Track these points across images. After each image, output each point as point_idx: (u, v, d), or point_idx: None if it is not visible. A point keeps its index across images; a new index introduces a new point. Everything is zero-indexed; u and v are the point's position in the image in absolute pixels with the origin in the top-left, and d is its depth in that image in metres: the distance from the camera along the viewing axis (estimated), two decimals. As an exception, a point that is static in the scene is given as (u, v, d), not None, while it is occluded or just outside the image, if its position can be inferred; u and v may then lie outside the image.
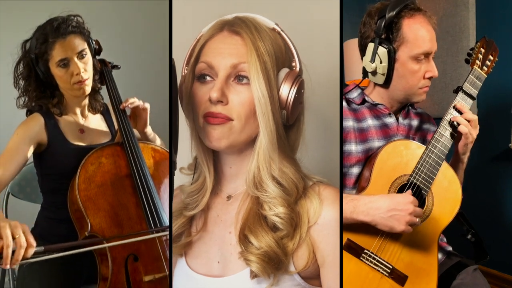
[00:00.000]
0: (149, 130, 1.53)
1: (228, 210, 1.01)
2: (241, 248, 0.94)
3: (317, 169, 1.02)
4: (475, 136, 1.23)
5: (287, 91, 0.96)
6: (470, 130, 1.21)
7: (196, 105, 0.96)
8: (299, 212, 0.95)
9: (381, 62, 1.26)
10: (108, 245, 1.21)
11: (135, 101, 1.48)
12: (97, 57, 1.52)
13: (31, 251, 1.02)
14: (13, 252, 0.99)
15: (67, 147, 1.40)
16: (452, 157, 1.32)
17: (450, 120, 1.22)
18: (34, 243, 1.03)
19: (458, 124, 1.21)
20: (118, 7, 2.57)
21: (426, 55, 1.25)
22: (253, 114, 0.94)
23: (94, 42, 1.47)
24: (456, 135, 1.23)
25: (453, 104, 1.23)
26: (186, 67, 1.00)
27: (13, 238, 1.00)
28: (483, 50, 1.27)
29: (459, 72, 2.29)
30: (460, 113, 1.22)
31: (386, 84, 1.29)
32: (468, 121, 1.21)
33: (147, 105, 1.50)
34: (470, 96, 1.23)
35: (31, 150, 1.36)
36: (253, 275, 0.93)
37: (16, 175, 1.34)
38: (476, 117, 1.22)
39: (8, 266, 0.99)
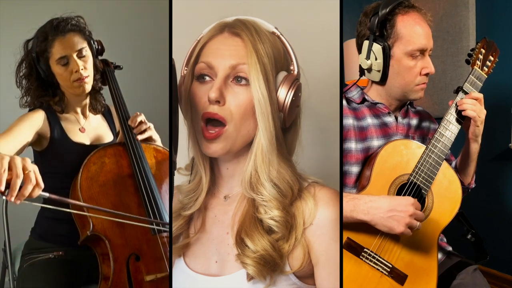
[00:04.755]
0: (158, 141, 1.54)
1: (226, 211, 1.02)
2: (237, 251, 0.95)
3: (317, 169, 1.03)
4: (483, 117, 1.21)
5: (284, 94, 0.97)
6: (478, 112, 1.19)
7: (195, 105, 0.97)
8: (295, 214, 0.96)
9: (376, 59, 1.26)
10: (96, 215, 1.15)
11: (142, 122, 1.45)
12: (100, 57, 1.53)
13: (37, 191, 0.97)
14: (20, 187, 0.93)
15: (69, 145, 1.41)
16: (464, 146, 1.31)
17: (457, 107, 1.21)
18: (42, 184, 0.97)
19: (464, 110, 1.19)
20: (119, 8, 2.57)
21: (422, 51, 1.24)
22: (249, 116, 0.95)
23: (96, 42, 1.48)
24: (460, 126, 1.22)
25: (453, 103, 1.23)
26: (185, 68, 1.01)
27: (23, 172, 0.94)
28: (483, 51, 1.27)
29: (459, 72, 2.29)
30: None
31: (383, 81, 1.29)
32: (475, 99, 1.19)
33: (152, 126, 1.49)
34: None
35: (31, 135, 1.32)
36: (250, 278, 0.94)
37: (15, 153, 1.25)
38: (481, 95, 1.21)
39: (13, 199, 0.92)
